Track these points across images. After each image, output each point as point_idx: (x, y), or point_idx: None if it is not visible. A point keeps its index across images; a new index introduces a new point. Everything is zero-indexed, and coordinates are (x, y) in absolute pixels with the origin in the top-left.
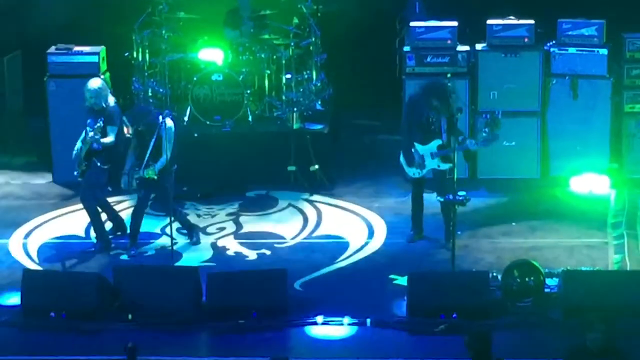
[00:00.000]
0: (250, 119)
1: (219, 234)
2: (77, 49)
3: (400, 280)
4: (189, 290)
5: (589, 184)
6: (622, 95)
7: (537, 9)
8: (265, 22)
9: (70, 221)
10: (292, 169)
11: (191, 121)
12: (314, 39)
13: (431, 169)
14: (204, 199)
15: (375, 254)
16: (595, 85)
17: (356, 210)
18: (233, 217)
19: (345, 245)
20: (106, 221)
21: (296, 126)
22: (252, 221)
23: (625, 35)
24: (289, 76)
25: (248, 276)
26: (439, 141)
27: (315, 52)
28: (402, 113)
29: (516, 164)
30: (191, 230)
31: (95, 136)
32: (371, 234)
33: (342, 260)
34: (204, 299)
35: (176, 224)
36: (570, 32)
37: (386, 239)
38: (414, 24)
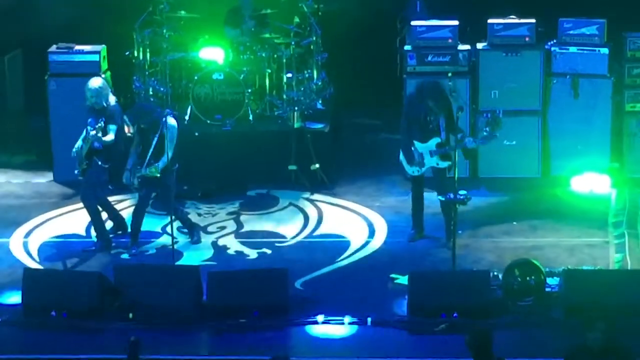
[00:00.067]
0: (251, 118)
1: (220, 233)
2: (77, 47)
3: (401, 280)
4: (189, 289)
5: (590, 183)
6: (623, 95)
7: (538, 8)
8: (266, 21)
9: (71, 220)
10: (293, 168)
11: (192, 120)
12: (314, 38)
13: (430, 167)
14: (205, 198)
15: (376, 253)
16: (596, 85)
17: (357, 209)
18: (234, 216)
19: (346, 245)
20: (107, 220)
21: (297, 125)
22: (252, 220)
23: (626, 34)
24: (289, 75)
25: (249, 275)
26: (438, 139)
27: (316, 51)
28: (402, 112)
29: (517, 163)
30: (192, 229)
31: (96, 135)
32: (372, 233)
33: (343, 259)
34: (204, 298)
35: (177, 223)
36: (571, 31)
37: (387, 238)
38: (415, 23)
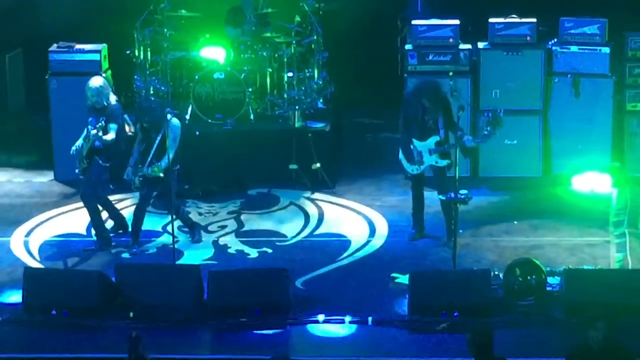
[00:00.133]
0: (251, 117)
1: (221, 232)
2: (78, 46)
3: (402, 279)
4: (190, 289)
5: (591, 182)
6: (624, 94)
7: (539, 7)
8: (267, 20)
9: (72, 219)
10: (294, 167)
11: (193, 119)
12: (315, 37)
13: (430, 166)
14: (206, 197)
15: (376, 253)
16: (597, 84)
17: (358, 208)
18: (234, 215)
19: (347, 244)
20: (107, 219)
21: (298, 124)
22: (253, 219)
23: (627, 33)
24: (290, 74)
25: (249, 274)
26: (437, 137)
27: (317, 50)
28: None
29: (518, 163)
30: (192, 228)
31: (97, 134)
32: (373, 232)
33: (344, 258)
34: (205, 297)
35: (178, 222)
36: (572, 31)
37: (388, 237)
38: (416, 22)
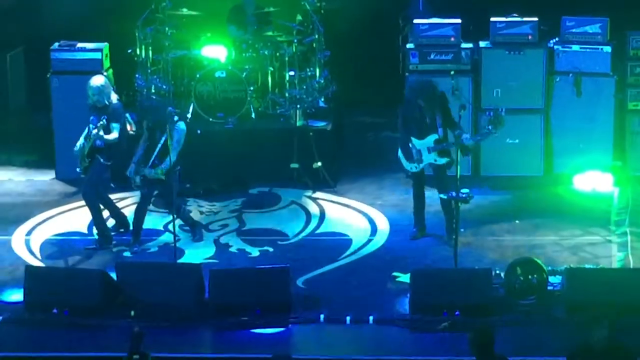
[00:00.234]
0: (253, 116)
1: (222, 230)
2: (80, 45)
3: (403, 278)
4: (191, 287)
5: (593, 181)
6: (625, 93)
7: (540, 6)
8: (268, 19)
9: (73, 218)
10: (295, 166)
11: (194, 118)
12: (317, 36)
13: (430, 165)
14: (207, 195)
15: (378, 251)
16: (598, 83)
17: (359, 207)
18: (236, 214)
19: (348, 243)
20: (109, 218)
21: (299, 123)
22: (254, 218)
23: (629, 32)
24: (292, 73)
25: (251, 273)
26: (436, 136)
27: (319, 49)
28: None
29: (519, 162)
30: (194, 227)
31: (98, 133)
32: (374, 231)
33: (345, 257)
34: (206, 295)
35: (179, 221)
36: (574, 30)
37: (389, 236)
38: (417, 21)
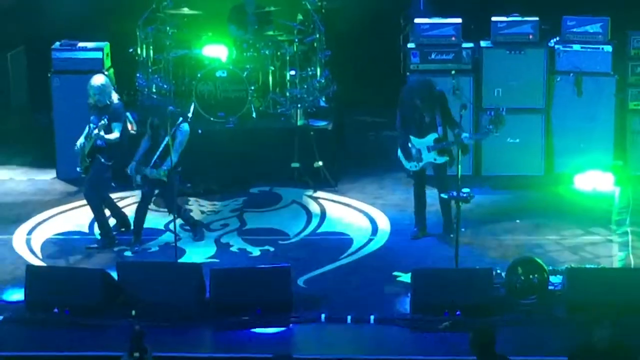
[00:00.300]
0: (254, 115)
1: (223, 230)
2: (81, 45)
3: (404, 277)
4: (192, 287)
5: (593, 181)
6: (626, 93)
7: (541, 5)
8: (269, 19)
9: (74, 217)
10: (296, 165)
11: (195, 117)
12: (318, 35)
13: (430, 164)
14: (208, 195)
15: (378, 251)
16: (599, 83)
17: (360, 206)
18: (237, 214)
19: (349, 242)
20: (110, 217)
21: (300, 123)
22: (255, 218)
23: (629, 32)
24: (293, 73)
25: (251, 273)
26: (436, 134)
27: (320, 49)
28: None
29: (520, 161)
30: (195, 226)
31: (99, 133)
32: (375, 230)
33: (346, 257)
34: (207, 295)
35: (180, 221)
36: (575, 29)
37: (390, 235)
38: (418, 20)
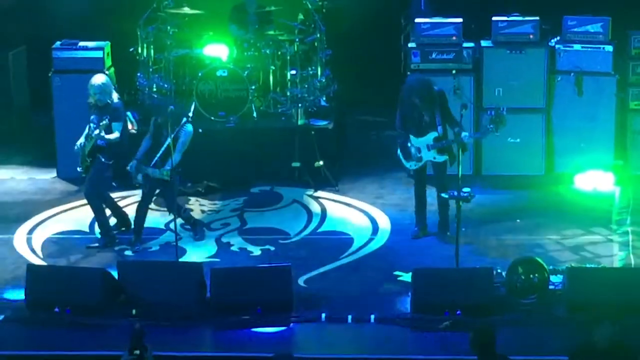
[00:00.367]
0: (254, 114)
1: (223, 229)
2: (82, 44)
3: (405, 277)
4: (193, 286)
5: (594, 180)
6: (627, 92)
7: (542, 5)
8: (270, 18)
9: (75, 216)
10: (297, 165)
11: (196, 117)
12: (319, 35)
13: (430, 163)
14: (208, 194)
15: (379, 251)
16: (600, 82)
17: (360, 206)
18: (237, 213)
19: (350, 242)
20: (110, 217)
21: (301, 122)
22: (256, 217)
23: (630, 32)
24: (293, 72)
25: (252, 272)
26: (435, 133)
27: (320, 48)
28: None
29: (521, 161)
30: (195, 226)
31: (100, 134)
32: (375, 230)
33: (347, 256)
34: (208, 294)
35: (180, 220)
36: (576, 29)
37: (390, 235)
38: (419, 20)
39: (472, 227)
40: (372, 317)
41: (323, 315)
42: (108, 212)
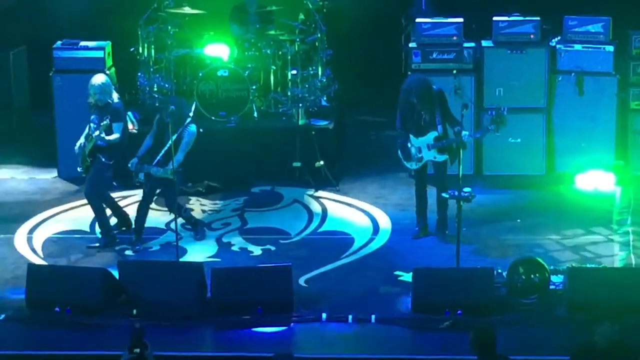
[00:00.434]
0: (255, 114)
1: (224, 229)
2: (82, 44)
3: (405, 277)
4: (193, 286)
5: (595, 180)
6: (628, 92)
7: (543, 5)
8: (270, 18)
9: (75, 216)
10: (297, 164)
11: (196, 117)
12: (319, 34)
13: (431, 162)
14: (209, 194)
15: (380, 250)
16: (601, 82)
17: (361, 206)
18: (238, 213)
19: (350, 241)
20: (111, 216)
21: (301, 122)
22: (257, 217)
23: (631, 32)
24: (294, 72)
25: (252, 272)
26: (435, 133)
27: (321, 48)
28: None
29: (521, 161)
30: (196, 226)
31: (100, 134)
32: (376, 230)
33: (347, 256)
34: (208, 294)
35: (181, 220)
36: (576, 29)
37: (391, 235)
38: (419, 20)
39: (472, 227)
40: (373, 317)
41: (323, 315)
42: (108, 211)
